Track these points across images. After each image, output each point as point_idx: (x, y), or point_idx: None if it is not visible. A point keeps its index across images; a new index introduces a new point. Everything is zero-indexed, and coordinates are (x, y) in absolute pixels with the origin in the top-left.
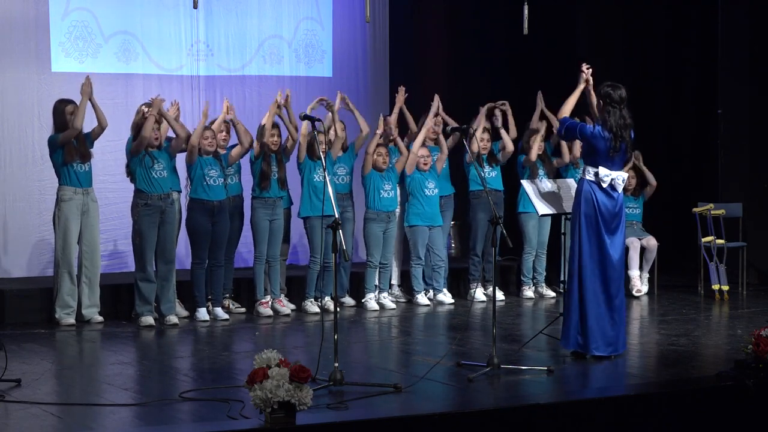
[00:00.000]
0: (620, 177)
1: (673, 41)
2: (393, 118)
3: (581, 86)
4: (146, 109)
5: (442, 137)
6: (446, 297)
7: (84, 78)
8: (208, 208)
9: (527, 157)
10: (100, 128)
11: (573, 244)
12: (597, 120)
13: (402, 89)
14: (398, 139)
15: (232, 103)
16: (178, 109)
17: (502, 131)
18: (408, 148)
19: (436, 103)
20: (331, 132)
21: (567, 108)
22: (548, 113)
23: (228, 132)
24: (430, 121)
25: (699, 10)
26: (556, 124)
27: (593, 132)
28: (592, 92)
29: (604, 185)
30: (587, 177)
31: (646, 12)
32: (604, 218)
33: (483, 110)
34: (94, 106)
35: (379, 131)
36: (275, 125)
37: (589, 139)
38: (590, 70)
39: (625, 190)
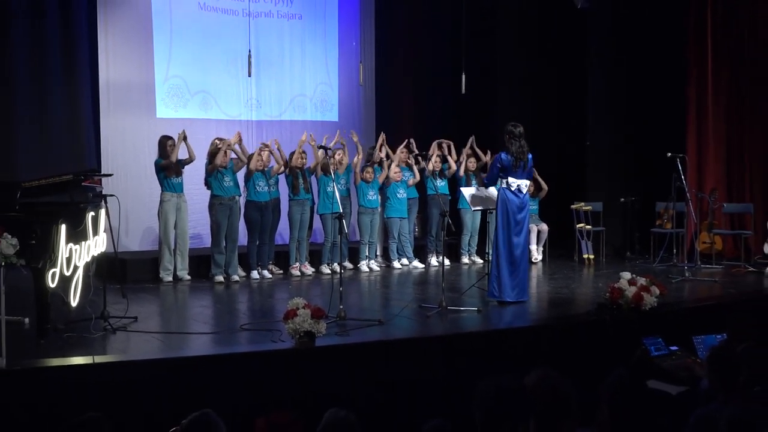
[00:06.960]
0: (524, 183)
1: (560, 94)
2: (378, 150)
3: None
4: (219, 143)
5: (416, 168)
6: (417, 262)
7: (180, 128)
8: (258, 206)
9: (458, 171)
10: (190, 159)
11: (495, 230)
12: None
13: (383, 134)
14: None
15: (274, 140)
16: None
17: (449, 157)
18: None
19: (405, 141)
20: (337, 157)
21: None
22: (476, 149)
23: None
24: (399, 153)
25: (575, 70)
26: (483, 157)
27: (504, 158)
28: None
29: (513, 189)
30: (503, 186)
31: (542, 75)
32: (514, 212)
33: (435, 144)
34: (187, 146)
35: (361, 155)
36: (303, 151)
37: (503, 162)
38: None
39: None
